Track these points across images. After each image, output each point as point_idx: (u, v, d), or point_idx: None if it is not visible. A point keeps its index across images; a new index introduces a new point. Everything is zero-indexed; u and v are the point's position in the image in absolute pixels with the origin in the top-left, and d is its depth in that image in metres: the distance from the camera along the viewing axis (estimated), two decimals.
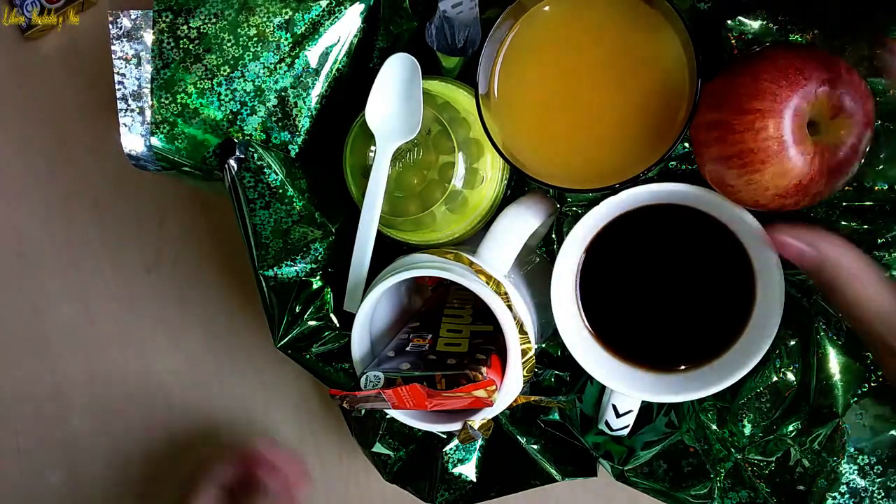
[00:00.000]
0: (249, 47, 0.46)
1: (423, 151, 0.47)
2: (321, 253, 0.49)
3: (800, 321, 0.46)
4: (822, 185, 0.40)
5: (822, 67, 0.39)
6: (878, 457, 0.44)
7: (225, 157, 0.45)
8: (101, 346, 0.62)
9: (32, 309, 0.62)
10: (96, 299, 0.62)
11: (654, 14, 0.44)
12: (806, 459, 0.45)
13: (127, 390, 0.62)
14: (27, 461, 0.63)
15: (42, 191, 0.61)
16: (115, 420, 0.62)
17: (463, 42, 0.52)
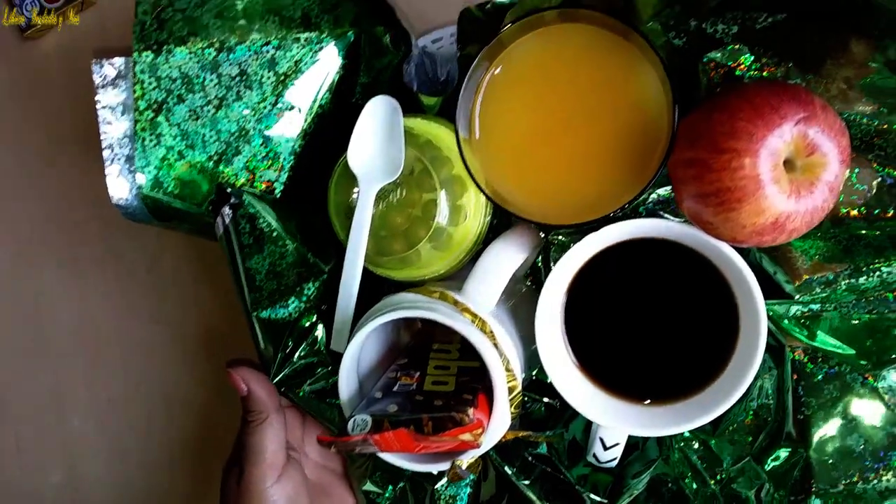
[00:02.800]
0: (232, 87, 0.46)
1: (405, 191, 0.47)
2: (313, 292, 0.49)
3: (777, 355, 0.47)
4: (799, 222, 0.40)
5: (798, 105, 0.39)
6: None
7: (220, 205, 0.45)
8: (101, 346, 0.62)
9: (33, 308, 0.62)
10: (96, 298, 0.61)
11: (631, 49, 0.44)
12: (778, 495, 0.46)
13: (127, 390, 0.62)
14: (27, 461, 0.63)
15: (41, 190, 0.61)
16: (115, 420, 0.62)
17: (445, 76, 0.53)
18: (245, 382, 0.48)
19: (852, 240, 0.46)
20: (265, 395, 0.48)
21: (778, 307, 0.47)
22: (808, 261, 0.47)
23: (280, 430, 0.49)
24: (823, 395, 0.47)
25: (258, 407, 0.48)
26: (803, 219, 0.40)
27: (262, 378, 0.49)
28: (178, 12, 0.45)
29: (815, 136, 0.39)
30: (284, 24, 0.46)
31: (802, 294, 0.47)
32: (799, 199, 0.40)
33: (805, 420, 0.47)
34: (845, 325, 0.47)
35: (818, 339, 0.48)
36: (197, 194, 0.47)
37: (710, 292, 0.46)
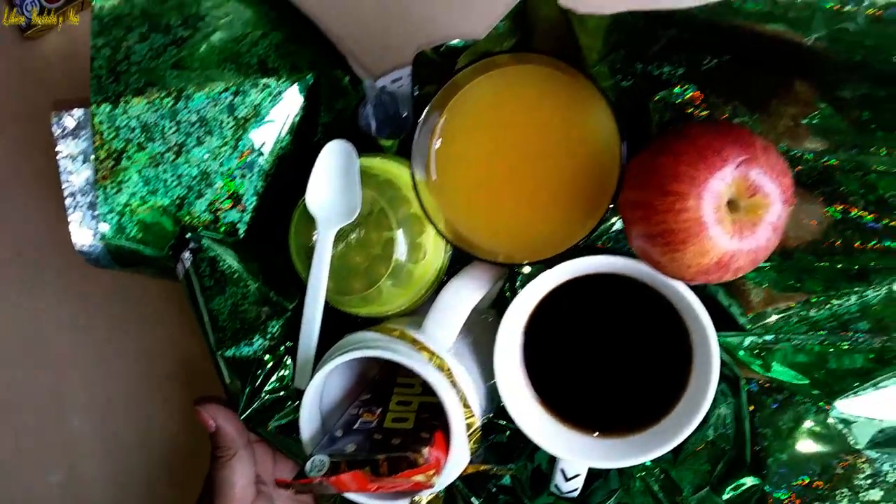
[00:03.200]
0: (192, 133, 0.47)
1: (364, 231, 0.48)
2: (277, 330, 0.50)
3: (733, 386, 0.48)
4: (743, 261, 0.41)
5: (739, 148, 0.40)
6: None
7: (179, 249, 0.46)
8: (101, 346, 0.62)
9: (32, 309, 0.62)
10: (96, 299, 0.62)
11: (583, 90, 0.45)
12: None
13: (127, 390, 0.62)
14: (27, 461, 0.63)
15: (41, 190, 0.61)
16: (115, 420, 0.62)
17: (406, 113, 0.54)
18: (213, 419, 0.48)
19: (803, 273, 0.47)
20: (233, 430, 0.49)
21: (732, 339, 0.48)
22: (762, 293, 0.48)
23: (249, 466, 0.49)
24: (778, 426, 0.48)
25: (226, 443, 0.49)
26: (747, 257, 0.41)
27: (229, 414, 0.49)
28: (133, 65, 0.46)
29: (756, 178, 0.40)
30: (242, 70, 0.47)
31: (756, 326, 0.47)
32: (742, 239, 0.41)
33: (762, 451, 0.47)
34: (798, 356, 0.48)
35: (773, 370, 0.49)
36: (160, 239, 0.48)
37: (665, 325, 0.47)
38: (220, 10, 0.46)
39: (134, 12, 0.45)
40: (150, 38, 0.46)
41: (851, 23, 0.37)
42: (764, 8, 0.37)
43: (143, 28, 0.46)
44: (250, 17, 0.47)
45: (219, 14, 0.46)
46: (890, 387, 0.47)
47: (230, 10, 0.47)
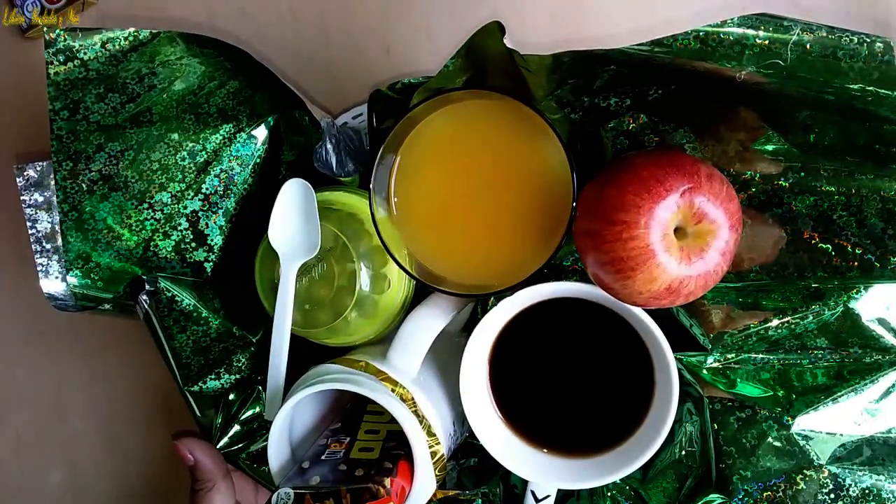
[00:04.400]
0: (154, 180, 0.48)
1: (328, 264, 0.49)
2: (244, 363, 0.51)
3: (698, 405, 0.48)
4: (693, 286, 0.42)
5: (683, 177, 0.41)
6: None
7: (136, 292, 0.47)
8: (101, 346, 0.62)
9: (32, 309, 0.63)
10: None
11: (535, 122, 0.46)
12: None
13: (127, 390, 0.62)
14: (27, 461, 0.63)
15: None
16: (115, 420, 0.63)
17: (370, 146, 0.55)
18: (190, 452, 0.49)
19: (760, 293, 0.48)
20: (211, 463, 0.50)
21: (694, 359, 0.49)
22: (721, 314, 0.48)
23: (229, 497, 0.50)
24: (742, 443, 0.48)
25: (204, 476, 0.50)
26: (696, 283, 0.42)
27: (206, 447, 0.50)
28: (92, 124, 0.47)
29: (701, 205, 0.41)
30: (201, 120, 0.48)
31: (716, 346, 0.48)
32: (690, 265, 0.42)
33: (726, 468, 0.48)
34: (761, 374, 0.49)
35: (737, 387, 0.49)
36: (126, 282, 0.49)
37: (627, 348, 0.48)
38: (175, 66, 0.48)
39: (90, 75, 0.47)
40: (107, 97, 0.47)
41: (779, 58, 0.37)
42: (694, 46, 0.38)
43: (99, 89, 0.47)
44: (205, 70, 0.48)
45: (173, 69, 0.48)
46: (848, 401, 0.47)
47: (184, 64, 0.48)
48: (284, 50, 0.59)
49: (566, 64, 0.42)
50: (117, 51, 0.47)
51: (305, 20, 0.59)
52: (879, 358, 0.47)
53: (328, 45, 0.59)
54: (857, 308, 0.46)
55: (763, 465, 0.48)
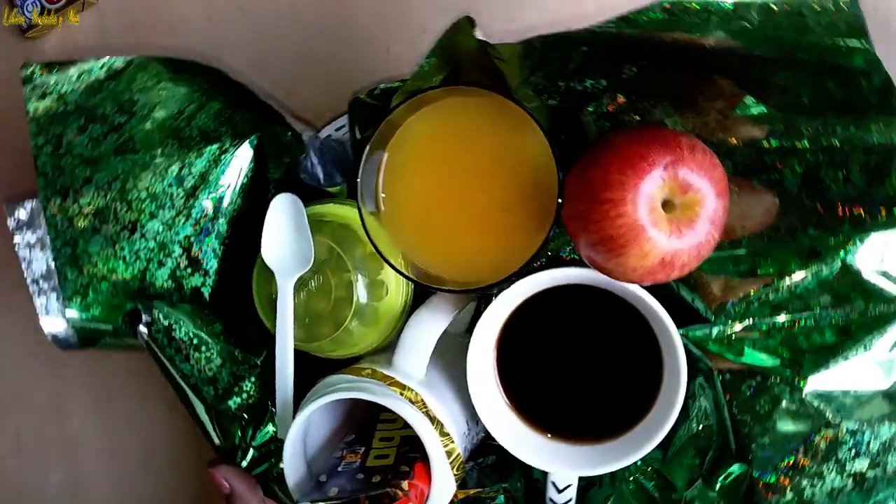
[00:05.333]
0: (144, 209, 0.49)
1: (324, 276, 0.49)
2: (251, 387, 0.51)
3: (708, 378, 0.48)
4: (687, 257, 0.42)
5: (664, 150, 0.41)
6: None
7: (134, 324, 0.47)
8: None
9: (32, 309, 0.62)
10: None
11: (515, 113, 0.46)
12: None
13: (128, 390, 0.62)
14: (27, 461, 0.63)
15: None
16: (115, 420, 0.62)
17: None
18: (227, 480, 0.49)
19: (757, 258, 0.47)
20: (247, 490, 0.50)
21: (699, 332, 0.49)
22: (721, 283, 0.48)
23: None
24: (756, 411, 0.48)
25: (242, 503, 0.50)
26: (690, 254, 0.42)
27: (241, 473, 0.50)
28: (76, 157, 0.47)
29: (685, 176, 0.41)
30: (184, 144, 0.49)
31: (719, 316, 0.48)
32: (682, 237, 0.42)
33: (744, 437, 0.48)
34: (768, 340, 0.48)
35: (745, 356, 0.49)
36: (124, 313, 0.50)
37: (632, 330, 0.48)
38: (153, 92, 0.48)
39: (69, 108, 0.47)
40: (88, 129, 0.47)
41: (746, 20, 0.38)
42: (661, 17, 0.38)
43: (80, 121, 0.47)
44: (184, 94, 0.49)
45: (152, 95, 0.48)
46: (858, 357, 0.47)
47: (162, 89, 0.48)
48: (285, 50, 0.59)
49: (537, 49, 0.42)
50: (94, 81, 0.47)
51: (306, 20, 0.60)
52: (884, 309, 0.46)
53: (328, 46, 0.59)
54: (856, 262, 0.46)
55: (780, 431, 0.48)
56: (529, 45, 0.42)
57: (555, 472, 0.49)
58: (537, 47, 0.42)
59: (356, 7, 0.59)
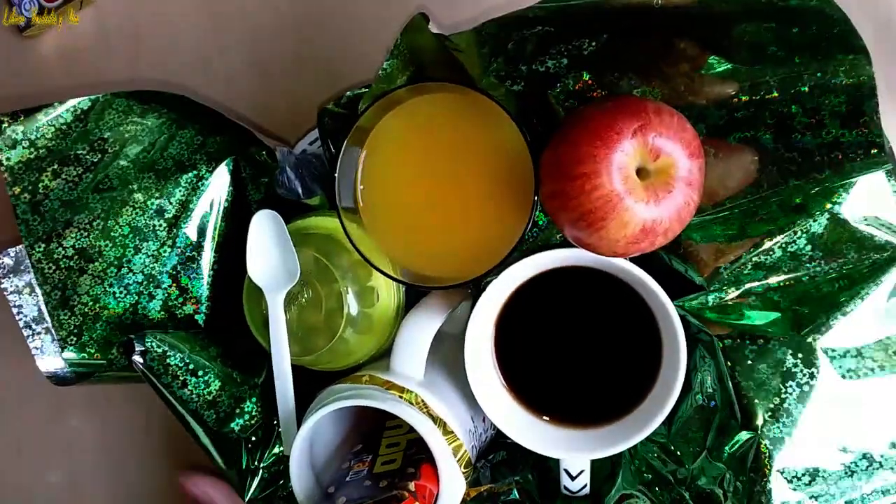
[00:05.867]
0: (128, 244, 0.49)
1: (313, 288, 0.49)
2: (253, 408, 0.51)
3: (709, 348, 0.48)
4: (668, 222, 0.42)
5: (631, 117, 0.41)
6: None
7: (129, 354, 0.47)
8: None
9: None
10: None
11: (483, 104, 0.46)
12: (739, 483, 0.46)
13: (126, 390, 0.62)
14: (27, 461, 0.62)
15: None
16: (114, 420, 0.62)
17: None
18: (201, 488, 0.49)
19: (745, 219, 0.47)
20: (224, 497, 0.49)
21: (695, 301, 0.48)
22: (711, 250, 0.48)
23: None
24: (759, 377, 0.47)
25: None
26: (671, 218, 0.42)
27: (217, 481, 0.50)
28: (55, 201, 0.48)
29: (655, 141, 0.41)
30: (160, 175, 0.49)
31: (714, 282, 0.47)
32: (659, 203, 0.41)
33: (748, 404, 0.47)
34: (765, 301, 0.48)
35: (746, 318, 0.48)
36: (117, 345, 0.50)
37: (629, 309, 0.48)
38: (123, 128, 0.49)
39: (41, 154, 0.48)
40: (63, 172, 0.48)
41: None
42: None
43: (54, 165, 0.48)
44: (154, 126, 0.49)
45: (123, 131, 0.48)
46: (858, 309, 0.46)
47: (131, 124, 0.49)
48: (284, 50, 0.59)
49: (492, 35, 0.42)
50: (62, 124, 0.48)
51: (306, 20, 0.60)
52: (878, 257, 0.45)
53: (329, 46, 0.59)
54: (843, 213, 0.45)
55: (782, 393, 0.47)
56: (481, 31, 0.42)
57: (566, 459, 0.48)
58: (491, 33, 0.42)
59: (356, 7, 0.59)
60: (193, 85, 0.59)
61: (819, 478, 0.45)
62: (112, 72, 0.58)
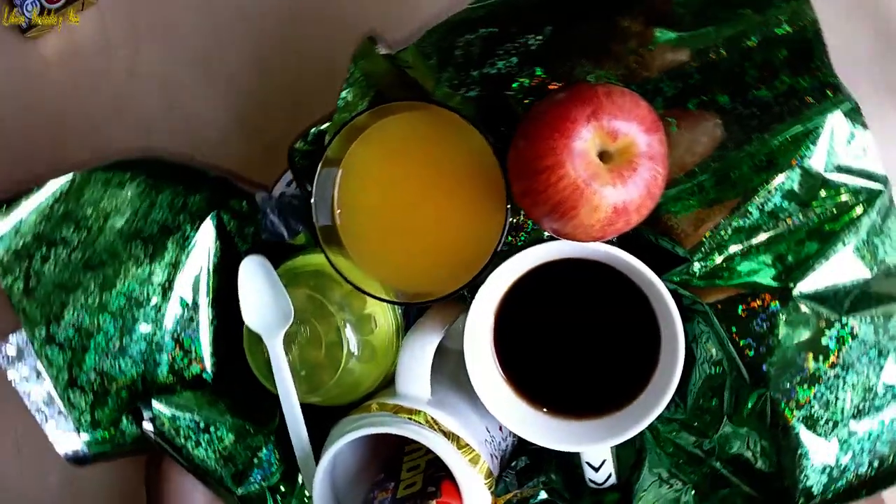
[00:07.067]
0: (126, 314, 0.50)
1: (310, 327, 0.50)
2: (272, 456, 0.51)
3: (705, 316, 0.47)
4: (639, 199, 0.42)
5: (583, 104, 0.41)
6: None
7: (138, 422, 0.48)
8: None
9: None
10: None
11: (444, 116, 0.47)
12: (765, 441, 0.45)
13: None
14: (27, 461, 0.62)
15: None
16: None
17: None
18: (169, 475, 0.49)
19: (718, 184, 0.46)
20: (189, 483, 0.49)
21: (683, 273, 0.48)
22: (690, 220, 0.47)
23: None
24: (756, 332, 0.46)
25: None
26: (641, 195, 0.42)
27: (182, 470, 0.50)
28: (48, 284, 0.49)
29: (610, 123, 0.41)
30: (148, 242, 0.50)
31: (697, 252, 0.47)
32: (626, 182, 0.41)
33: (752, 361, 0.46)
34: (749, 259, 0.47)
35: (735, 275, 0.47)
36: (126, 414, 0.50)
37: (626, 298, 0.47)
38: (104, 202, 0.50)
39: (27, 241, 0.49)
40: (51, 255, 0.49)
41: None
42: None
43: (41, 250, 0.49)
44: (133, 195, 0.50)
45: (104, 206, 0.50)
46: (839, 253, 0.46)
47: (111, 197, 0.50)
48: (285, 50, 0.59)
49: (435, 45, 0.43)
50: (44, 208, 0.49)
51: (306, 20, 0.60)
52: (851, 201, 0.45)
53: (329, 46, 0.59)
54: (813, 165, 0.45)
55: (784, 345, 0.46)
56: (420, 44, 0.43)
57: (585, 452, 0.48)
58: (433, 43, 0.43)
59: (357, 7, 0.59)
60: (194, 85, 0.59)
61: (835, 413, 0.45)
62: (112, 72, 0.58)
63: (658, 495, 0.49)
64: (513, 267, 0.47)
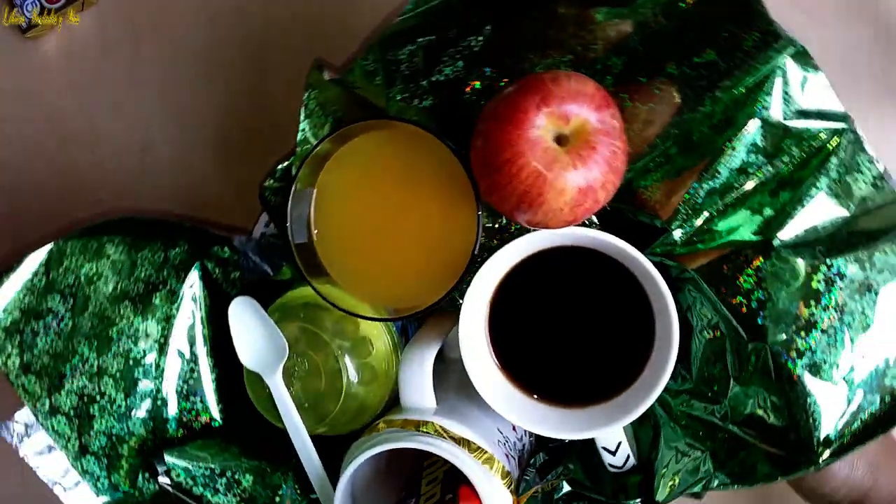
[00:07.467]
0: (126, 376, 0.51)
1: (307, 359, 0.50)
2: (292, 491, 0.51)
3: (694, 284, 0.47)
4: (602, 177, 0.42)
5: (531, 93, 0.42)
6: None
7: (154, 477, 0.48)
8: None
9: None
10: None
11: (405, 130, 0.48)
12: (774, 396, 0.45)
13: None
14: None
15: (41, 190, 0.61)
16: None
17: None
18: None
19: (682, 151, 0.47)
20: None
21: (664, 244, 0.48)
22: (661, 190, 0.48)
23: None
24: (744, 288, 0.46)
25: None
26: (604, 171, 0.42)
27: None
28: (43, 355, 0.49)
29: (559, 107, 0.41)
30: (137, 301, 0.51)
31: (674, 220, 0.47)
32: (587, 162, 0.41)
33: (746, 317, 0.46)
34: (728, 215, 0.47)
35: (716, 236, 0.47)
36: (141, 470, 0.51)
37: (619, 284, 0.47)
38: (86, 267, 0.50)
39: (15, 317, 0.50)
40: (41, 327, 0.50)
41: None
42: None
43: (30, 324, 0.50)
44: (114, 257, 0.50)
45: (85, 272, 0.50)
46: (814, 196, 0.46)
47: (92, 261, 0.50)
48: (284, 49, 0.59)
49: (377, 61, 0.43)
50: (28, 283, 0.50)
51: (305, 20, 0.60)
52: (819, 143, 0.45)
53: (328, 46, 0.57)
54: (772, 115, 0.45)
55: (775, 297, 0.46)
56: (364, 62, 0.43)
57: (599, 438, 0.48)
58: (372, 59, 0.43)
59: (357, 7, 0.60)
60: (194, 84, 0.60)
61: (837, 355, 0.44)
62: (112, 72, 0.59)
63: (677, 469, 0.49)
64: (497, 265, 0.48)
